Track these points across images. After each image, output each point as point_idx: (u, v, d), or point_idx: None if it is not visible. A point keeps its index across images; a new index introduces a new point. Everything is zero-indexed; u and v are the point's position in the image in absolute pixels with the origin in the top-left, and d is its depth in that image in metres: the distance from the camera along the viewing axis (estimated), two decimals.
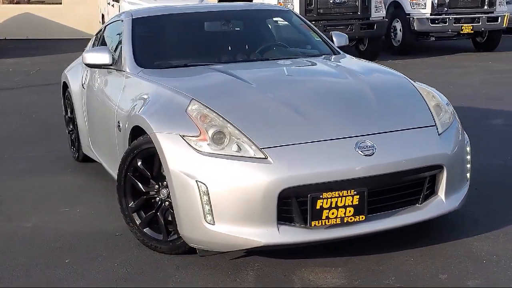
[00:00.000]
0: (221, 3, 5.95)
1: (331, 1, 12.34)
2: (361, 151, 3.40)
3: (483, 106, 7.96)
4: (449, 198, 3.66)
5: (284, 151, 3.35)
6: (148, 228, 3.74)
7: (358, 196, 3.33)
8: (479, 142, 5.54)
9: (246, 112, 3.61)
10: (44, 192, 5.03)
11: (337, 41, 5.26)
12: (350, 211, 3.34)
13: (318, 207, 3.29)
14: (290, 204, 3.31)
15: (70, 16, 19.13)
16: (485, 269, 3.44)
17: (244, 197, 3.25)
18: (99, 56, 4.62)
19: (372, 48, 12.95)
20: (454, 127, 3.85)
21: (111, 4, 14.87)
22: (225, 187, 3.27)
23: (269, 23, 5.65)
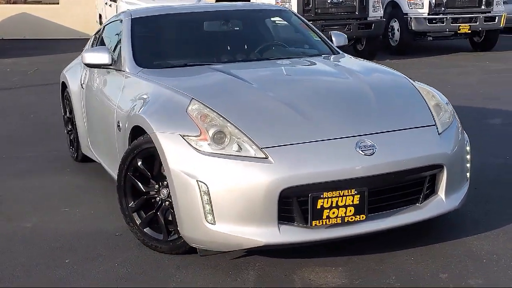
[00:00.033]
0: (220, 3, 5.94)
1: (329, 1, 12.33)
2: (362, 151, 3.40)
3: (481, 106, 7.97)
4: (449, 198, 3.67)
5: (285, 151, 3.35)
6: (149, 228, 3.74)
7: (359, 196, 3.33)
8: (478, 142, 5.54)
9: (247, 112, 3.61)
10: (44, 192, 5.02)
11: (336, 41, 5.26)
12: (351, 211, 3.34)
13: (319, 207, 3.29)
14: (291, 204, 3.31)
15: (68, 16, 19.13)
16: (485, 268, 3.45)
17: (245, 197, 3.25)
18: (99, 56, 4.62)
19: (370, 48, 12.96)
20: (454, 127, 3.86)
21: (109, 4, 14.87)
22: (226, 187, 3.27)
23: (268, 23, 5.65)
